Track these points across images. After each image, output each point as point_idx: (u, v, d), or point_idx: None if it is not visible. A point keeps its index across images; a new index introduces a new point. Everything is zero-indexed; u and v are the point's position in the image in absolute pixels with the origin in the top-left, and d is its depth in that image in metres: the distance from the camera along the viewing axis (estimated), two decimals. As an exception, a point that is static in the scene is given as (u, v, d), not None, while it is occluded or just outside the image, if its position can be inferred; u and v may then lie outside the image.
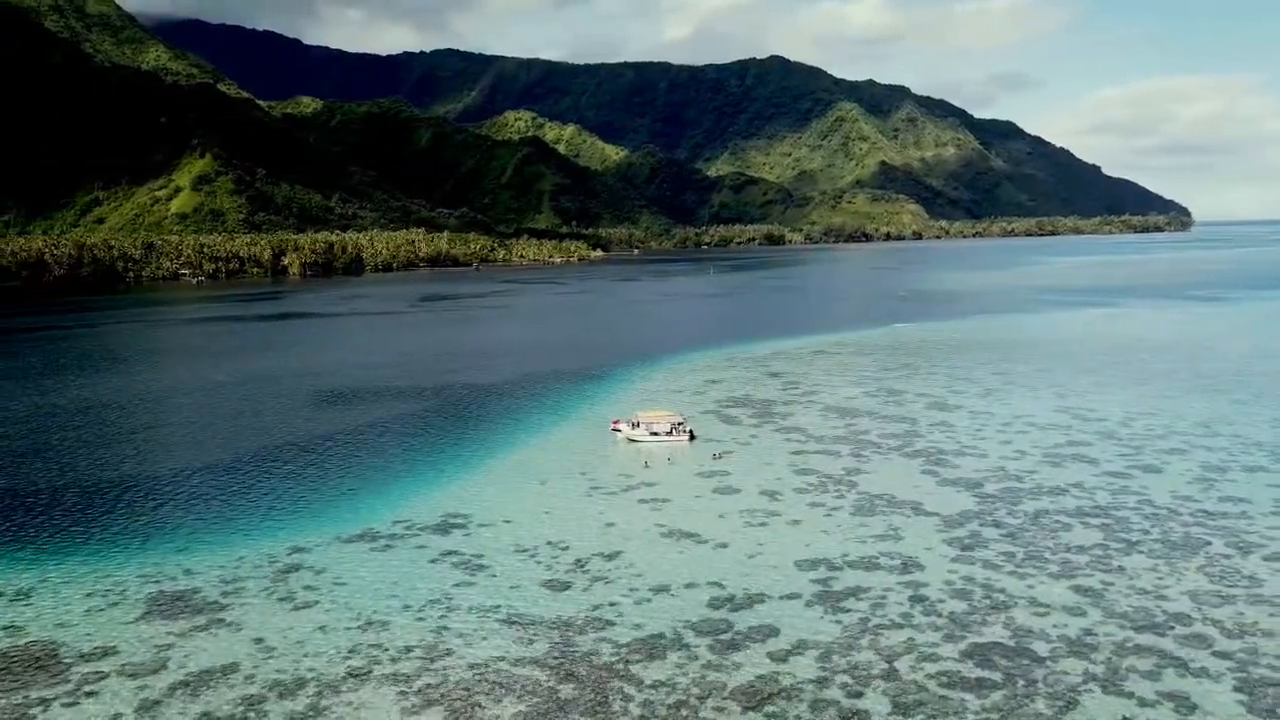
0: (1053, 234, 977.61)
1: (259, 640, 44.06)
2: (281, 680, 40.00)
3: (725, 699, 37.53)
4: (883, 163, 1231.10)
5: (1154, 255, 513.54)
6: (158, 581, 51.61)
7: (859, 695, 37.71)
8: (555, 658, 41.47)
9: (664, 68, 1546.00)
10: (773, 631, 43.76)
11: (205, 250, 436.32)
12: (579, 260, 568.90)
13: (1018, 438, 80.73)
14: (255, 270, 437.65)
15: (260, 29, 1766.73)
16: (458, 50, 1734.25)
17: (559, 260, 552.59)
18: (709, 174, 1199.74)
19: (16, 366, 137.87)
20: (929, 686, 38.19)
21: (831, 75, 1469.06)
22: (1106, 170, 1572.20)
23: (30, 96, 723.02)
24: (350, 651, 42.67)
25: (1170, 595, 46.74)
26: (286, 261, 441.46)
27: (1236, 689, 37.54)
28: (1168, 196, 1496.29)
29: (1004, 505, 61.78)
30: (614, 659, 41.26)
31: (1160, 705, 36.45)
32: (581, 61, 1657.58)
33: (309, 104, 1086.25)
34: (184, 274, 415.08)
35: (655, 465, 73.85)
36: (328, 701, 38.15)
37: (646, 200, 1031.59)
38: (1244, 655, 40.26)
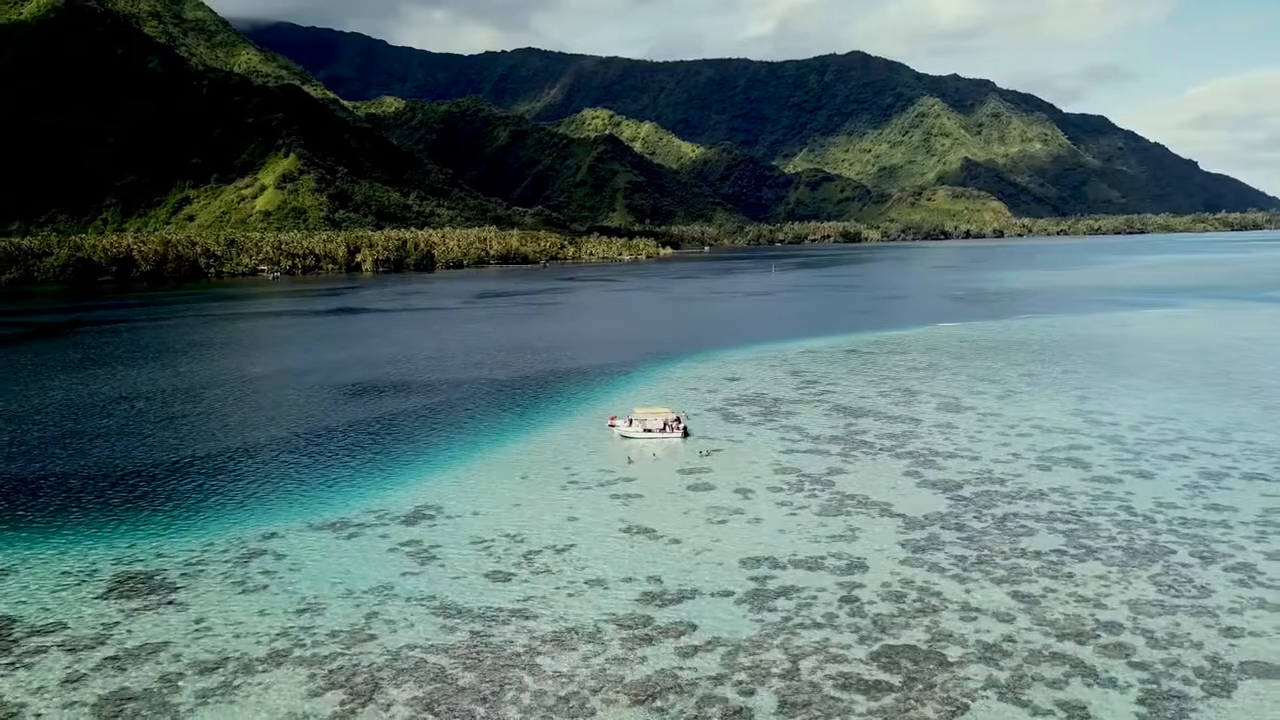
0: (1141, 232, 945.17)
1: (199, 620, 45.96)
2: (204, 659, 41.73)
3: (617, 693, 37.94)
4: (965, 159, 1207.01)
5: (1242, 255, 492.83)
6: (129, 563, 54.10)
7: (750, 694, 37.73)
8: (469, 647, 42.38)
9: (743, 64, 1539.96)
10: (690, 628, 43.96)
11: (283, 247, 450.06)
12: (647, 258, 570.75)
13: (1018, 440, 78.97)
14: (330, 266, 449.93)
15: (348, 31, 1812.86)
16: (538, 49, 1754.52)
17: (627, 258, 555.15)
18: (786, 171, 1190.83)
19: (74, 357, 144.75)
20: (823, 687, 38.03)
21: (913, 70, 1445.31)
22: (1204, 166, 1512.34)
23: (129, 99, 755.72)
24: (280, 634, 44.24)
25: (1109, 604, 45.50)
26: (360, 258, 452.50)
27: (1139, 701, 36.50)
28: (1271, 193, 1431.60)
29: (975, 508, 60.67)
30: (524, 650, 41.97)
31: (1051, 715, 35.68)
32: (660, 59, 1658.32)
33: (392, 104, 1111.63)
34: (262, 270, 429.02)
35: (639, 461, 74.34)
36: (239, 680, 39.69)
37: (721, 197, 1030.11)
38: (1161, 667, 39.08)
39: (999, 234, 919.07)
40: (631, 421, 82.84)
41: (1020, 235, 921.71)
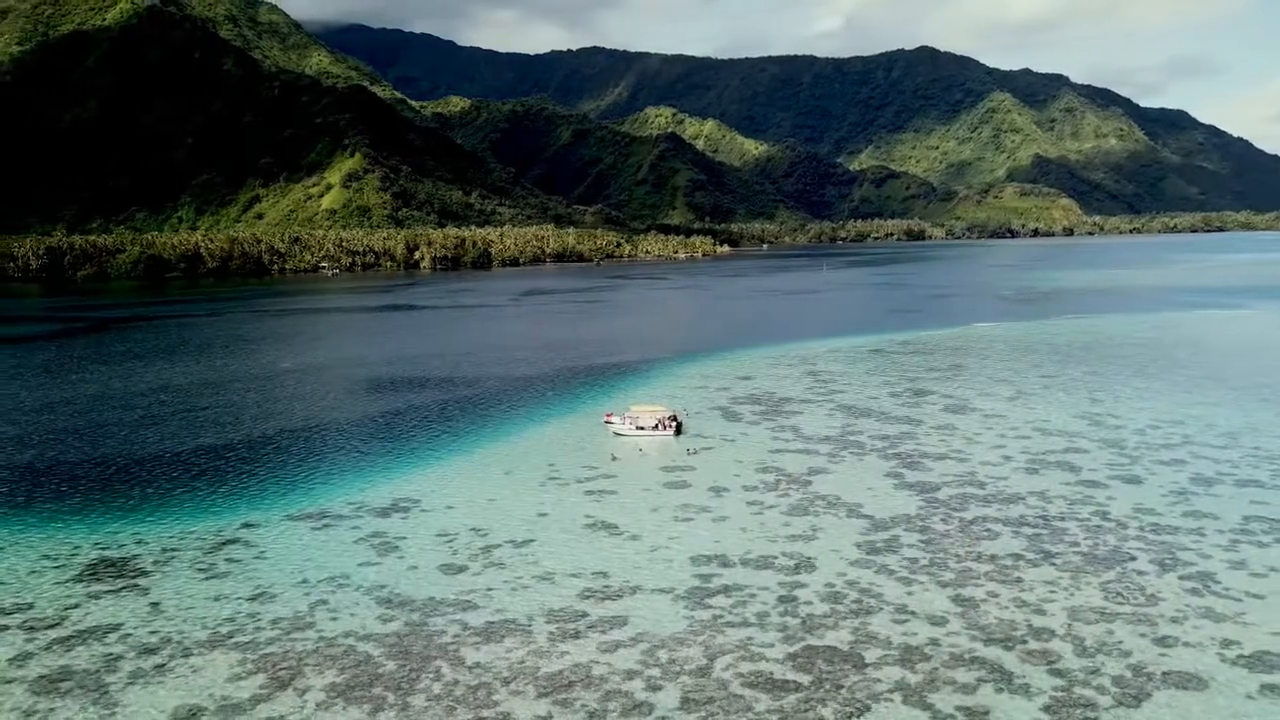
0: (1220, 230, 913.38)
1: (155, 605, 47.82)
2: (148, 642, 43.48)
3: (527, 685, 38.62)
4: (1036, 155, 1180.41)
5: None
6: (108, 548, 56.39)
7: (657, 689, 38.09)
8: (400, 636, 43.45)
9: (808, 61, 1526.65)
10: (621, 623, 44.43)
11: (344, 244, 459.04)
12: (703, 256, 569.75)
13: (1014, 443, 77.59)
14: (389, 264, 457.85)
15: (418, 32, 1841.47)
16: (603, 48, 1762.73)
17: (682, 256, 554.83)
18: (850, 168, 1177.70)
19: (119, 350, 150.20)
20: (731, 685, 38.20)
21: (983, 65, 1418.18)
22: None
23: (205, 101, 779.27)
24: (226, 620, 45.83)
25: (1049, 610, 44.76)
26: (418, 256, 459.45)
27: (1044, 708, 36.00)
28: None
29: (945, 511, 59.94)
30: (452, 640, 42.90)
31: (949, 719, 35.42)
32: (727, 56, 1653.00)
33: (458, 103, 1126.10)
34: (323, 267, 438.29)
35: (624, 458, 74.85)
36: (174, 663, 41.31)
37: (784, 195, 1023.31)
38: (1080, 675, 38.43)
39: (1069, 232, 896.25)
40: (626, 419, 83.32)
41: (1091, 234, 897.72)
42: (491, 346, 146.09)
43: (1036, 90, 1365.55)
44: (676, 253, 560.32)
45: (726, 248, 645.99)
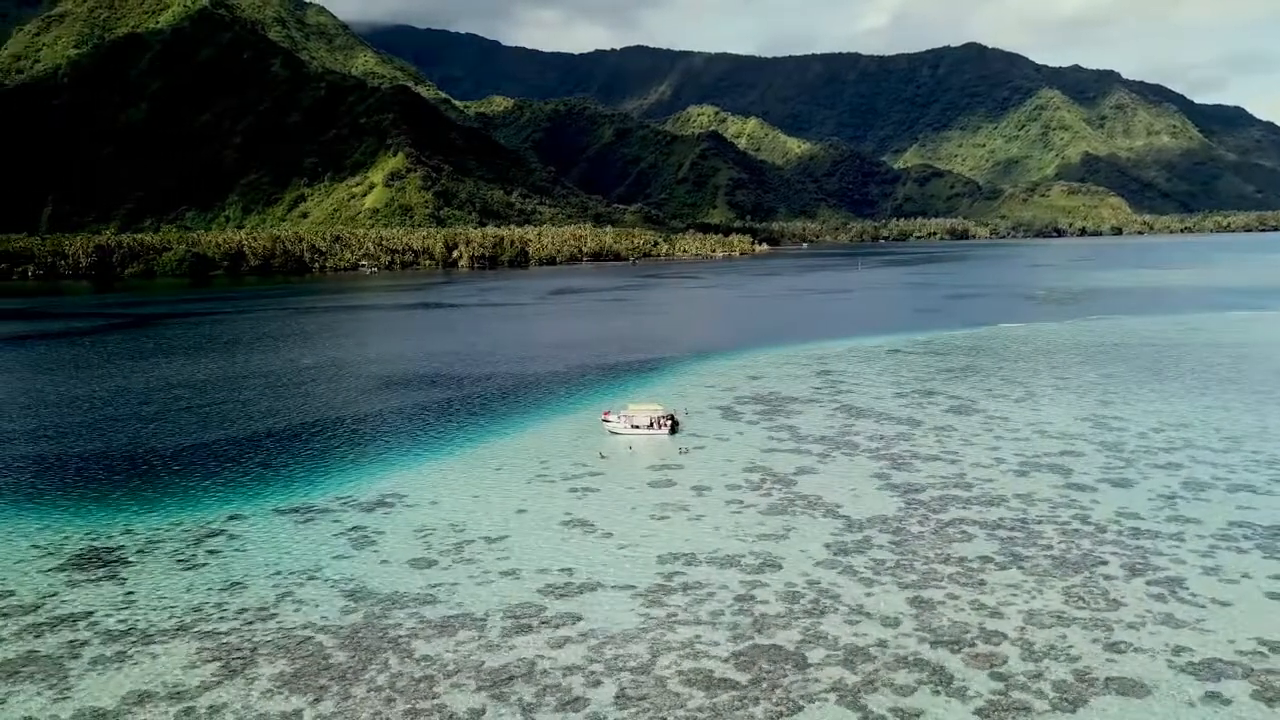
0: (1276, 229, 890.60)
1: (129, 594, 49.18)
2: (115, 629, 44.77)
3: (468, 678, 39.16)
4: (1086, 153, 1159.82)
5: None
6: (96, 539, 57.98)
7: (596, 685, 38.43)
8: (356, 628, 44.25)
9: (853, 59, 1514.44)
10: (574, 619, 44.82)
11: (383, 243, 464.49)
12: (740, 254, 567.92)
13: (1010, 445, 76.71)
14: (428, 262, 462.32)
15: (463, 32, 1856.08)
16: (646, 47, 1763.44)
17: (720, 255, 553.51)
18: (895, 166, 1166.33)
19: (148, 347, 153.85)
20: (669, 683, 38.41)
21: (1032, 61, 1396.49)
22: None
23: (254, 101, 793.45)
24: (193, 610, 47.00)
25: (1006, 613, 44.36)
26: (456, 254, 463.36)
27: (977, 712, 35.80)
28: None
29: (924, 513, 59.51)
30: (406, 633, 43.60)
31: None
32: (771, 55, 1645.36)
33: (500, 103, 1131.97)
34: (362, 265, 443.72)
35: (613, 457, 75.23)
36: (135, 650, 42.47)
37: (826, 194, 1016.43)
38: (1022, 679, 38.09)
39: (1117, 231, 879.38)
40: (622, 417, 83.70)
41: (1140, 233, 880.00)
42: (506, 344, 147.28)
43: (1087, 87, 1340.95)
44: (714, 251, 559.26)
45: (765, 247, 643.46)
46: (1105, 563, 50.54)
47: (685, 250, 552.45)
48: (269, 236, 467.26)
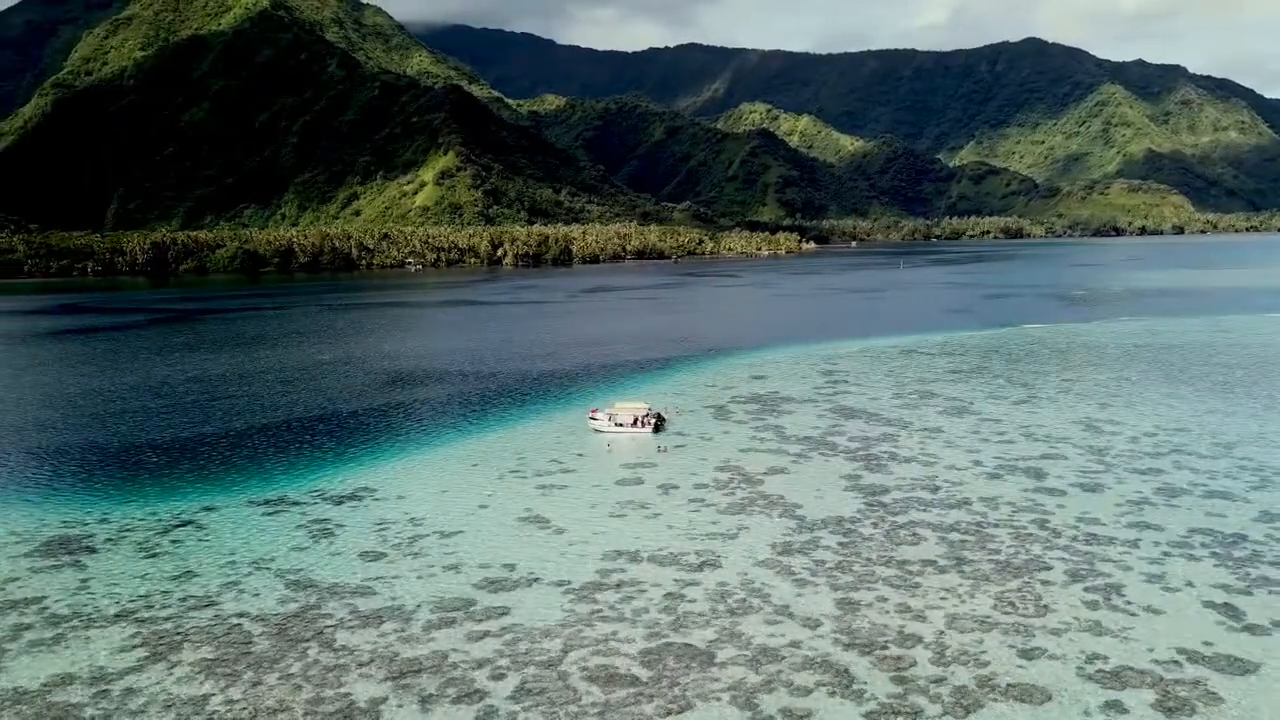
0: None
1: (84, 581, 50.93)
2: (60, 614, 46.44)
3: (379, 668, 39.98)
4: (1149, 150, 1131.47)
5: None
6: (71, 527, 60.02)
7: (499, 678, 38.98)
8: (289, 617, 45.36)
9: (909, 55, 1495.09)
10: (501, 613, 45.46)
11: (429, 241, 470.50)
12: (786, 253, 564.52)
13: (994, 447, 75.68)
14: (473, 260, 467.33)
15: (519, 31, 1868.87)
16: (700, 44, 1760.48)
17: (765, 253, 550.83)
18: (950, 164, 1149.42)
19: (177, 342, 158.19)
20: (570, 678, 38.82)
21: (1094, 56, 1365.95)
22: None
23: (310, 101, 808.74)
24: (140, 597, 48.53)
25: (929, 617, 43.99)
26: (501, 253, 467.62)
27: (866, 714, 35.70)
28: None
29: (880, 515, 59.09)
30: (335, 624, 44.60)
31: None
32: (826, 51, 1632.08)
33: (552, 101, 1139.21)
34: (408, 263, 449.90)
35: (589, 455, 75.77)
36: (73, 635, 44.04)
37: (879, 191, 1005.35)
38: (923, 682, 37.79)
39: (1179, 230, 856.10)
40: (606, 415, 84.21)
41: (1203, 232, 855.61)
42: (519, 342, 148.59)
43: (1150, 82, 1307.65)
44: (759, 250, 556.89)
45: (812, 245, 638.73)
46: (1049, 568, 49.82)
47: (730, 248, 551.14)
48: (318, 234, 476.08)
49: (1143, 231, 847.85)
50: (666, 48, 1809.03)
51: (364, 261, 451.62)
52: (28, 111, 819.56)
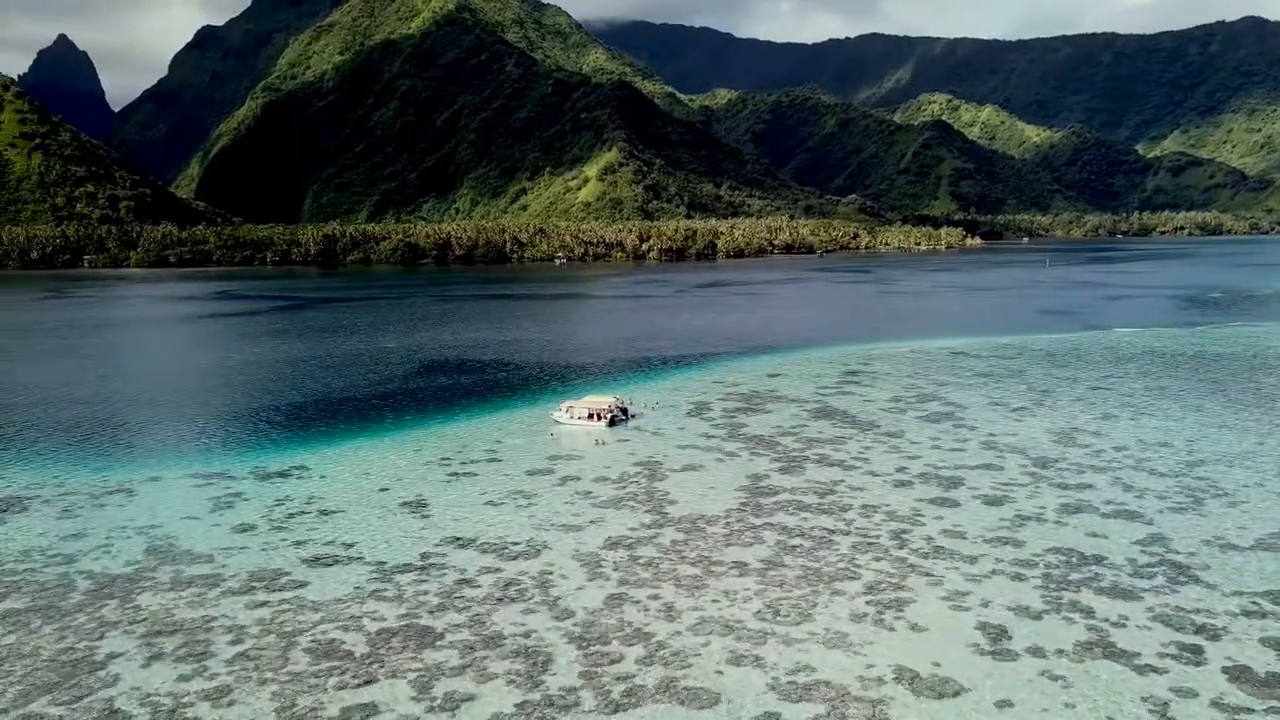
0: None
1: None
2: (-40, 567, 52.96)
3: (141, 626, 43.77)
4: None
5: None
6: (25, 488, 67.42)
7: (238, 642, 42.07)
8: (120, 578, 49.95)
9: (1107, 39, 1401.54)
10: (297, 587, 48.33)
11: (580, 235, 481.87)
12: (947, 248, 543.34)
13: (944, 455, 72.54)
14: (620, 254, 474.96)
15: (697, 26, 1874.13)
16: (881, 34, 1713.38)
17: (922, 248, 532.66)
18: (1149, 155, 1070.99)
19: (277, 327, 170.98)
20: (294, 649, 41.37)
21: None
22: None
23: (486, 99, 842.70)
24: (20, 554, 54.41)
25: (684, 616, 43.81)
26: (646, 247, 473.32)
27: (520, 706, 36.54)
28: None
29: (743, 517, 58.25)
30: (151, 586, 48.80)
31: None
32: (1018, 38, 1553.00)
33: (723, 95, 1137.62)
34: (557, 256, 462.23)
35: (527, 448, 77.49)
36: (-60, 580, 50.41)
37: (1064, 185, 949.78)
38: (608, 679, 38.17)
39: None
40: (569, 409, 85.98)
41: None
42: (577, 335, 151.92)
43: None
44: (917, 244, 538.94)
45: (977, 240, 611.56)
46: (855, 578, 48.32)
47: (886, 243, 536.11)
48: (475, 228, 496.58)
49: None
50: (847, 38, 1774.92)
51: (516, 255, 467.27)
52: (242, 114, 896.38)
